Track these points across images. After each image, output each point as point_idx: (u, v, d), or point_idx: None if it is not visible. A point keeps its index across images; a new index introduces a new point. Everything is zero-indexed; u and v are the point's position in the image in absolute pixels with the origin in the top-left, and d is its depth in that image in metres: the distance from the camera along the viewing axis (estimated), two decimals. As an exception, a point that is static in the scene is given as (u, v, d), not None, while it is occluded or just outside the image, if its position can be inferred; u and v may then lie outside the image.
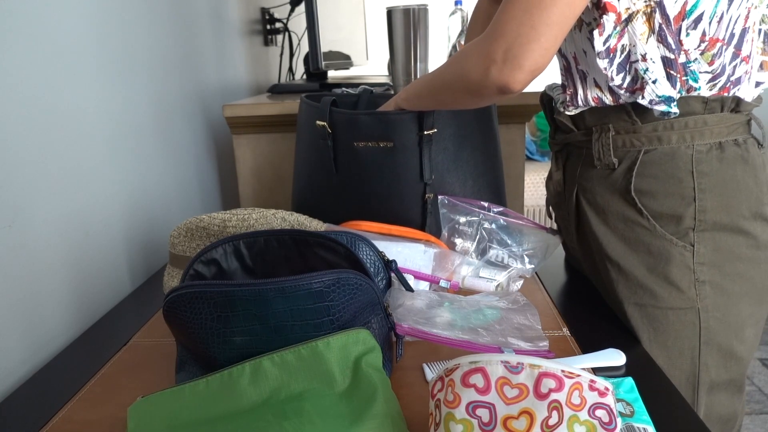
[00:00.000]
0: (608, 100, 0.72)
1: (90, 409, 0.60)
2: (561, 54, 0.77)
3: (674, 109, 0.68)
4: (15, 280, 0.70)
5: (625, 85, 0.70)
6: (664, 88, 0.67)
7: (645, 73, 0.67)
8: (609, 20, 0.67)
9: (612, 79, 0.69)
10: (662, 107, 0.68)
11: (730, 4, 0.66)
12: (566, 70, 0.77)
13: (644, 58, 0.67)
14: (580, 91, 0.74)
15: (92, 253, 0.86)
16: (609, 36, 0.68)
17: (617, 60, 0.69)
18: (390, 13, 1.18)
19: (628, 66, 0.69)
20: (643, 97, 0.68)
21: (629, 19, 0.66)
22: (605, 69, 0.69)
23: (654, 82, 0.67)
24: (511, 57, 0.62)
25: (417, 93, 0.82)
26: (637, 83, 0.69)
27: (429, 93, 0.80)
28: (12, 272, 0.69)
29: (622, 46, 0.68)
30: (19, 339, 0.71)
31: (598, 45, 0.68)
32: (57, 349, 0.78)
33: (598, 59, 0.69)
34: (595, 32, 0.68)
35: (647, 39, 0.66)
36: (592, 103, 0.74)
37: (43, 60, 0.75)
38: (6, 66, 0.69)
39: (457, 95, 0.73)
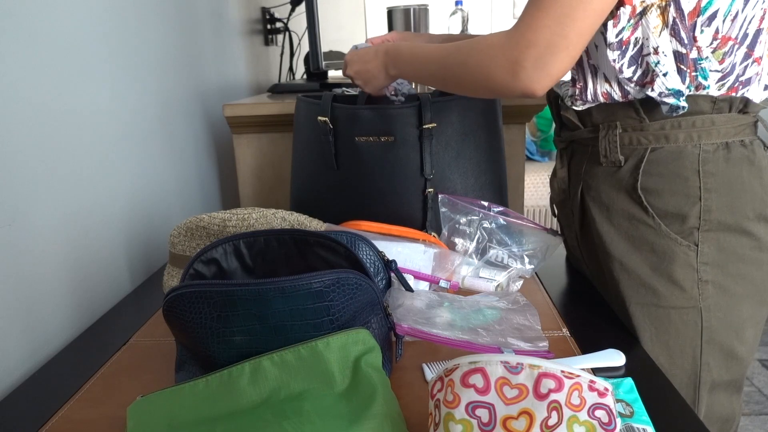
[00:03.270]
0: (617, 95, 0.72)
1: (90, 408, 0.60)
2: None
3: (683, 103, 0.68)
4: (15, 278, 0.70)
5: (635, 78, 0.70)
6: (674, 82, 0.68)
7: (656, 66, 0.67)
8: (625, 12, 0.67)
9: (621, 72, 0.70)
10: (671, 100, 0.68)
11: (746, 3, 0.65)
12: (578, 65, 0.77)
13: (656, 51, 0.67)
14: (590, 86, 0.74)
15: (92, 252, 0.86)
16: (623, 28, 0.68)
17: (629, 53, 0.69)
18: (390, 13, 1.19)
19: (640, 59, 0.69)
20: (652, 90, 0.68)
21: (644, 12, 0.67)
22: (614, 61, 0.69)
23: (665, 75, 0.67)
24: (542, 65, 0.63)
25: (416, 68, 0.80)
26: (648, 76, 0.69)
27: (433, 73, 0.77)
28: (12, 271, 0.69)
29: (635, 39, 0.68)
30: (18, 338, 0.71)
31: (611, 36, 0.68)
32: (57, 348, 0.78)
33: (608, 50, 0.69)
34: (610, 23, 0.68)
35: (660, 32, 0.67)
36: (601, 98, 0.74)
37: (42, 60, 0.75)
38: (5, 66, 0.69)
39: (473, 88, 0.72)
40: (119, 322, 0.81)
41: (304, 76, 2.08)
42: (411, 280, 0.78)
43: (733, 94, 0.69)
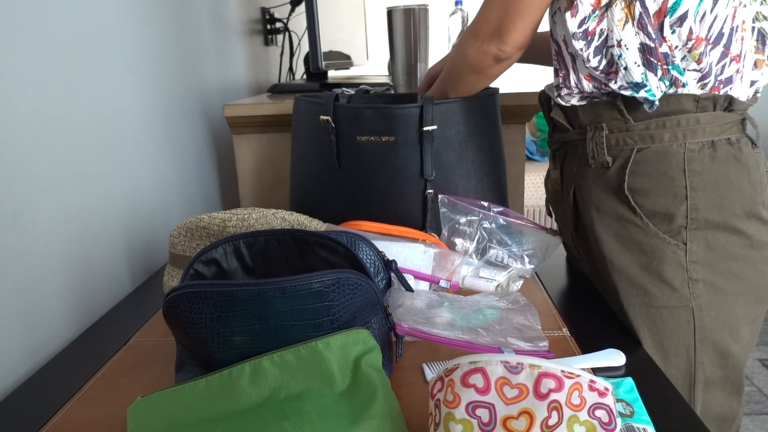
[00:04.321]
0: (600, 76, 0.73)
1: (90, 408, 0.60)
2: (553, 39, 0.78)
3: (643, 94, 0.69)
4: (15, 279, 0.70)
5: (600, 68, 0.71)
6: (635, 75, 0.69)
7: (618, 58, 0.68)
8: (584, 2, 0.69)
9: (588, 61, 0.71)
10: (629, 92, 0.70)
11: (714, 4, 0.66)
12: (558, 54, 0.78)
13: (619, 44, 0.68)
14: (572, 73, 0.75)
15: (92, 252, 0.86)
16: (586, 18, 0.69)
17: (595, 43, 0.70)
18: (390, 13, 1.18)
19: (605, 50, 0.70)
20: (615, 82, 0.70)
21: (609, 4, 0.68)
22: (581, 50, 0.71)
23: (625, 68, 0.69)
24: (497, 35, 0.75)
25: (437, 87, 0.92)
26: (612, 67, 0.70)
27: (443, 84, 0.89)
28: (12, 272, 0.69)
29: (601, 30, 0.69)
30: (19, 338, 0.71)
31: (572, 26, 0.70)
32: (57, 348, 0.78)
33: (573, 40, 0.71)
34: (568, 14, 0.70)
35: (624, 25, 0.68)
36: (585, 82, 0.74)
37: (42, 61, 0.75)
38: (5, 67, 0.69)
39: (462, 76, 0.84)
40: (119, 322, 0.81)
41: (304, 76, 2.08)
42: (411, 280, 0.78)
43: (717, 93, 0.69)
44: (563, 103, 0.78)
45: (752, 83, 0.71)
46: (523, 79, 3.36)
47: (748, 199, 0.70)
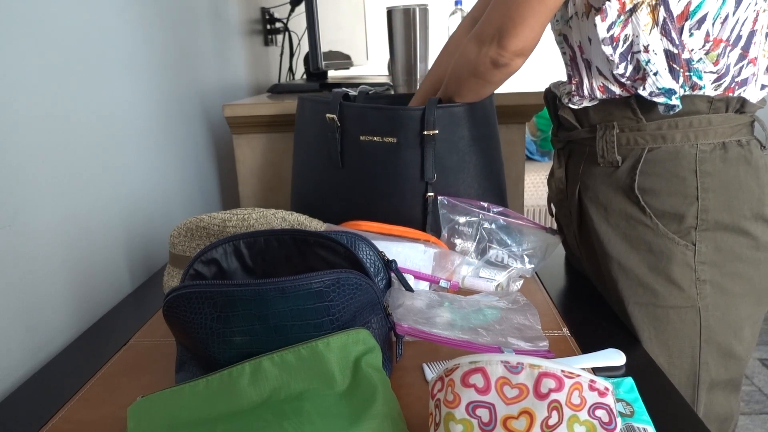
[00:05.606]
0: (614, 87, 0.72)
1: (90, 409, 0.60)
2: (568, 45, 0.78)
3: (674, 102, 0.68)
4: (15, 279, 0.70)
5: (627, 74, 0.70)
6: (666, 81, 0.68)
7: (647, 64, 0.68)
8: (612, 7, 0.68)
9: (617, 68, 0.70)
10: (661, 99, 0.68)
11: (737, 7, 0.66)
12: (572, 60, 0.77)
13: (646, 50, 0.67)
14: (586, 81, 0.75)
15: (92, 252, 0.86)
16: (613, 24, 0.68)
17: (620, 49, 0.69)
18: (390, 13, 1.19)
19: (630, 56, 0.69)
20: (644, 89, 0.69)
21: (634, 9, 0.67)
22: (611, 56, 0.70)
23: (655, 74, 0.68)
24: (497, 39, 0.73)
25: (444, 90, 0.89)
26: (639, 73, 0.69)
27: (447, 87, 0.87)
28: (12, 272, 0.69)
29: (625, 35, 0.69)
30: (19, 339, 0.71)
31: (602, 32, 0.69)
32: (57, 348, 0.78)
33: (602, 45, 0.69)
34: (598, 18, 0.68)
35: (650, 30, 0.67)
36: (598, 92, 0.74)
37: (41, 61, 0.75)
38: (6, 67, 0.69)
39: (465, 79, 0.82)
40: (119, 323, 0.81)
41: (304, 76, 2.08)
42: (411, 280, 0.78)
43: (730, 95, 0.69)
44: (574, 107, 0.78)
45: (763, 87, 0.71)
46: (523, 79, 3.36)
47: (756, 201, 0.70)
